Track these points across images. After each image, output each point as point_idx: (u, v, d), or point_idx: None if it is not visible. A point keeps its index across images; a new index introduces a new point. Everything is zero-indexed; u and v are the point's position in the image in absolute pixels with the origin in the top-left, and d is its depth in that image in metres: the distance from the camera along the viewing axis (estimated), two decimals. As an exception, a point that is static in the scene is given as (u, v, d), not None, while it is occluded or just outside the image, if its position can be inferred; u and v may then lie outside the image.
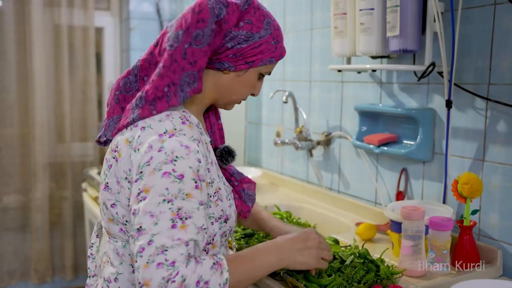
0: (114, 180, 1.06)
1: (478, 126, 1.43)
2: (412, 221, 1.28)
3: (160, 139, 0.99)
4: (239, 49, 1.07)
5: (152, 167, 0.97)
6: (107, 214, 1.10)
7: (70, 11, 3.29)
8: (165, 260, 0.93)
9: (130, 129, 1.06)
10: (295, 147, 2.06)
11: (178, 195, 0.97)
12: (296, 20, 2.22)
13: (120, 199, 1.06)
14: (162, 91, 1.03)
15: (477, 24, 1.42)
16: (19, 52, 3.18)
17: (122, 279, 1.10)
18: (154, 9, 3.61)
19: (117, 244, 1.11)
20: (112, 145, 1.10)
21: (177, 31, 1.04)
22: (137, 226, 0.96)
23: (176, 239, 0.95)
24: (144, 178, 0.98)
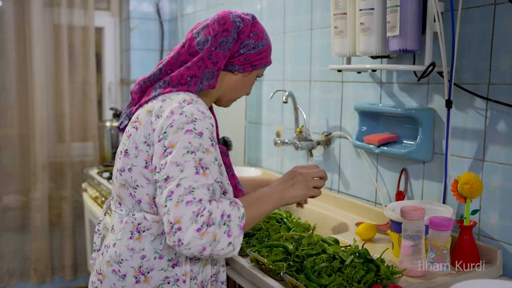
0: (132, 146, 1.22)
1: (478, 126, 1.43)
2: (412, 221, 1.28)
3: (180, 106, 1.18)
4: (248, 55, 1.31)
5: (175, 127, 1.14)
6: (119, 180, 1.25)
7: (70, 11, 3.29)
8: (193, 198, 1.07)
9: (151, 102, 1.25)
10: (295, 147, 2.06)
11: (199, 148, 1.13)
12: (296, 20, 2.22)
13: (138, 163, 1.21)
14: (185, 79, 1.26)
15: (477, 24, 1.42)
16: (19, 52, 3.18)
17: (120, 244, 1.25)
18: (154, 9, 3.61)
19: (121, 212, 1.27)
20: (133, 118, 1.27)
21: (206, 37, 1.27)
22: (164, 176, 1.11)
23: (199, 182, 1.10)
24: (169, 137, 1.14)
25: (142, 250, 1.23)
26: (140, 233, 1.23)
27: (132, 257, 1.23)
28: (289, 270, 1.25)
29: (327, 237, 1.47)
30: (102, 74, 3.63)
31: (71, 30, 3.31)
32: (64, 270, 3.37)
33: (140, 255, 1.23)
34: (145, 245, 1.23)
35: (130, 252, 1.23)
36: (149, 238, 1.23)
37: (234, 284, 1.44)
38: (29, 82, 3.18)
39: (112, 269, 1.25)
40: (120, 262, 1.24)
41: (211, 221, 1.07)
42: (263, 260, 1.31)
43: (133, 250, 1.23)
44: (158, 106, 1.21)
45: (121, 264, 1.24)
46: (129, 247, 1.24)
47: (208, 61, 1.26)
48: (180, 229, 1.05)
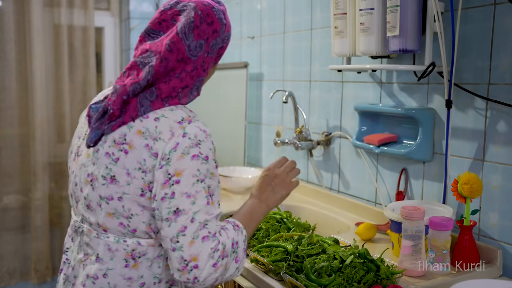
0: (122, 172, 1.08)
1: (478, 126, 1.43)
2: (412, 221, 1.28)
3: (180, 126, 1.08)
4: (220, 49, 1.22)
5: (180, 152, 1.05)
6: (106, 208, 1.11)
7: (70, 11, 3.29)
8: (208, 233, 1.04)
9: (140, 121, 1.09)
10: (295, 147, 2.06)
11: (207, 175, 1.07)
12: (296, 20, 2.22)
13: (131, 191, 1.08)
14: (177, 92, 1.13)
15: (477, 24, 1.42)
16: (19, 52, 3.18)
17: (113, 274, 1.12)
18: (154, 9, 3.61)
19: (108, 239, 1.13)
20: (117, 139, 1.10)
21: (198, 41, 1.14)
22: (174, 208, 1.04)
23: (210, 213, 1.06)
24: (173, 163, 1.04)
25: (141, 278, 1.13)
26: (135, 260, 1.13)
27: (131, 287, 1.13)
28: (289, 270, 1.25)
29: (327, 237, 1.47)
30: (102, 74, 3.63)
31: (71, 30, 3.31)
32: (64, 270, 3.37)
33: (138, 283, 1.14)
34: (143, 272, 1.13)
35: (128, 281, 1.13)
36: (146, 263, 1.13)
37: (234, 284, 1.44)
38: (29, 82, 3.18)
39: None
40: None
41: (225, 254, 1.06)
42: (263, 260, 1.31)
43: (131, 279, 1.13)
44: (152, 126, 1.08)
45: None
46: (126, 276, 1.12)
47: (201, 68, 1.16)
48: (197, 266, 1.02)
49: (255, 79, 2.56)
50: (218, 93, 2.81)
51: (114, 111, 1.11)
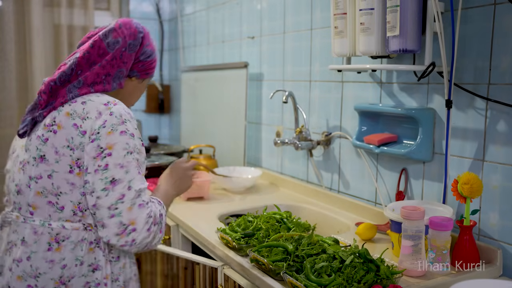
0: (52, 151, 1.20)
1: (478, 126, 1.43)
2: (412, 221, 1.28)
3: (107, 107, 1.22)
4: (145, 62, 1.39)
5: (109, 128, 1.19)
6: (35, 188, 1.21)
7: (70, 11, 3.29)
8: (143, 201, 1.20)
9: (69, 105, 1.23)
10: (295, 147, 2.06)
11: (135, 149, 1.22)
12: (296, 20, 2.22)
13: (59, 168, 1.20)
14: (101, 78, 1.29)
15: (477, 24, 1.42)
16: (19, 52, 3.18)
17: (36, 257, 1.21)
18: (154, 9, 3.61)
19: (34, 223, 1.23)
20: (47, 122, 1.23)
21: (116, 38, 1.31)
22: (110, 178, 1.17)
23: (142, 181, 1.23)
24: (103, 138, 1.18)
25: (63, 260, 1.22)
26: (59, 243, 1.22)
27: (52, 269, 1.21)
28: (289, 270, 1.25)
29: (327, 237, 1.47)
30: (102, 74, 3.63)
31: (71, 30, 3.31)
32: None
33: (60, 265, 1.22)
34: (65, 255, 1.22)
35: (49, 264, 1.21)
36: (70, 246, 1.22)
37: (234, 284, 1.44)
38: (29, 82, 3.18)
39: (27, 284, 1.21)
40: (38, 276, 1.21)
41: (156, 221, 1.23)
42: (263, 260, 1.31)
43: (53, 262, 1.21)
44: (80, 108, 1.21)
45: (38, 278, 1.21)
46: (48, 259, 1.21)
47: (120, 60, 1.31)
48: (134, 230, 1.18)
49: (255, 79, 2.56)
50: (218, 93, 2.81)
51: (43, 96, 1.25)
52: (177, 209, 1.93)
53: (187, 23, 3.38)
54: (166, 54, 3.71)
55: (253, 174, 2.32)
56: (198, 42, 3.23)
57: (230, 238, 1.49)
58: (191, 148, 2.67)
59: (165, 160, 2.53)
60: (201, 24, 3.18)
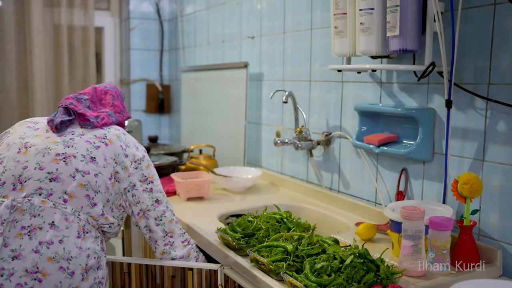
0: (102, 157, 1.43)
1: (478, 126, 1.43)
2: (412, 221, 1.28)
3: (138, 145, 1.57)
4: None
5: (146, 162, 1.55)
6: (79, 180, 1.37)
7: (70, 11, 3.29)
8: (176, 218, 1.60)
9: (115, 129, 1.54)
10: (295, 147, 2.06)
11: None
12: (296, 20, 2.22)
13: (104, 172, 1.42)
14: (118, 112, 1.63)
15: (477, 24, 1.42)
16: (19, 52, 3.18)
17: (68, 242, 1.29)
18: (154, 9, 3.61)
19: (66, 210, 1.32)
20: (97, 134, 1.48)
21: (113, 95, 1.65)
22: (155, 199, 1.54)
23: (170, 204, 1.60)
24: (145, 170, 1.53)
25: (88, 250, 1.33)
26: (85, 234, 1.34)
27: (81, 255, 1.30)
28: (289, 270, 1.25)
29: (327, 237, 1.47)
30: (102, 74, 3.63)
31: (71, 30, 3.31)
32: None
33: (86, 253, 1.32)
34: (89, 245, 1.34)
35: (79, 250, 1.30)
36: (91, 239, 1.35)
37: (234, 284, 1.44)
38: (29, 82, 3.18)
39: (60, 266, 1.25)
40: (70, 259, 1.28)
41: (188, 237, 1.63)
42: (263, 260, 1.31)
43: (81, 249, 1.31)
44: (123, 137, 1.53)
45: (70, 261, 1.27)
46: (78, 245, 1.31)
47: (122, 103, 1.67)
48: (172, 242, 1.56)
49: (255, 79, 2.56)
50: (218, 93, 2.81)
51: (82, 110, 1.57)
52: (177, 209, 1.93)
53: (187, 23, 3.38)
54: (166, 54, 3.70)
55: (253, 174, 2.32)
56: (198, 42, 3.23)
57: (230, 238, 1.49)
58: (191, 148, 2.67)
59: (165, 160, 2.53)
60: (201, 24, 3.18)
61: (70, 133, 1.46)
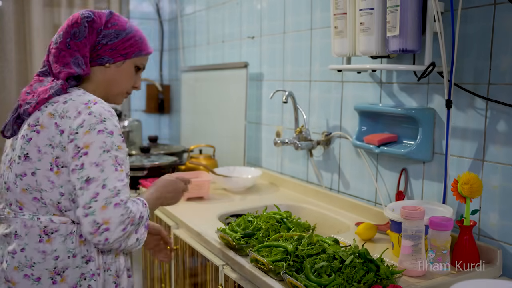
0: (34, 150, 1.24)
1: (478, 126, 1.43)
2: (412, 221, 1.28)
3: (86, 106, 1.24)
4: (113, 44, 1.36)
5: (86, 127, 1.21)
6: (21, 185, 1.26)
7: (70, 11, 3.29)
8: (120, 201, 1.19)
9: (51, 105, 1.27)
10: (295, 147, 2.06)
11: (113, 146, 1.22)
12: (296, 20, 2.22)
13: (41, 166, 1.24)
14: (59, 68, 1.32)
15: (477, 24, 1.42)
16: (19, 52, 3.18)
17: (29, 248, 1.25)
18: (154, 9, 3.61)
19: (24, 217, 1.26)
20: (31, 122, 1.27)
21: (58, 33, 1.35)
22: (85, 177, 1.18)
23: (120, 179, 1.21)
24: (81, 137, 1.20)
25: (55, 251, 1.25)
26: (49, 236, 1.25)
27: (45, 259, 1.25)
28: (289, 270, 1.25)
29: (327, 237, 1.47)
30: (102, 74, 3.63)
31: (71, 30, 3.30)
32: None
33: (53, 256, 1.25)
34: (56, 246, 1.25)
35: (42, 254, 1.25)
36: (60, 239, 1.26)
37: (234, 284, 1.44)
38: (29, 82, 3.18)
39: (24, 274, 1.25)
40: (32, 265, 1.24)
41: (134, 222, 1.22)
42: (263, 260, 1.31)
43: (45, 253, 1.25)
44: (60, 108, 1.25)
45: (33, 267, 1.24)
46: (40, 249, 1.25)
47: (69, 50, 1.32)
48: (108, 229, 1.17)
49: (255, 79, 2.56)
50: (218, 93, 2.81)
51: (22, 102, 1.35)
52: (177, 209, 1.93)
53: (187, 23, 3.38)
54: (166, 54, 3.70)
55: (253, 174, 2.32)
56: (198, 42, 3.23)
57: (230, 238, 1.49)
58: (191, 148, 2.67)
59: (165, 160, 2.53)
60: (201, 24, 3.18)
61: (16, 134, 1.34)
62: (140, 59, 1.44)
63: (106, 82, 1.39)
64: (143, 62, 1.46)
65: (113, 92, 1.42)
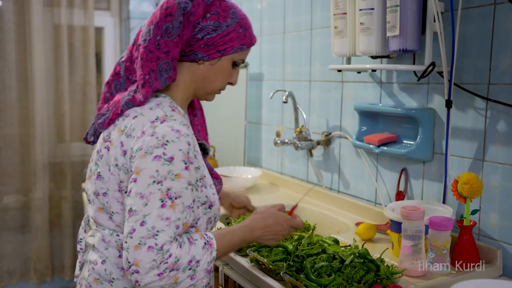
0: (106, 169, 1.13)
1: (478, 126, 1.43)
2: (412, 221, 1.28)
3: (152, 125, 1.08)
4: (209, 39, 1.14)
5: (143, 151, 1.05)
6: (96, 203, 1.17)
7: (70, 11, 3.29)
8: (155, 244, 1.00)
9: (123, 119, 1.14)
10: (295, 147, 2.06)
11: (168, 176, 1.04)
12: (296, 20, 2.22)
13: (110, 187, 1.12)
14: (144, 79, 1.13)
15: (477, 24, 1.42)
16: (19, 52, 3.18)
17: (109, 262, 1.16)
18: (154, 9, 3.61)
19: (104, 231, 1.17)
20: (104, 136, 1.16)
21: (148, 26, 1.14)
22: (129, 206, 1.04)
23: (165, 218, 1.02)
24: (136, 161, 1.05)
25: None
26: None
27: (124, 277, 1.15)
28: (289, 270, 1.25)
29: (327, 237, 1.47)
30: (102, 74, 3.62)
31: (71, 30, 3.31)
32: (63, 270, 3.37)
33: None
34: None
35: (121, 271, 1.16)
36: None
37: (234, 284, 1.44)
38: (29, 82, 3.18)
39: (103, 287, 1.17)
40: (112, 281, 1.16)
41: (175, 267, 1.02)
42: (263, 260, 1.31)
43: (124, 270, 1.15)
44: (129, 124, 1.11)
45: (112, 283, 1.16)
46: (119, 266, 1.15)
47: (158, 51, 1.12)
48: (137, 272, 1.01)
49: (255, 79, 2.56)
50: (218, 93, 2.80)
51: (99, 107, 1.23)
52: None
53: (187, 23, 3.38)
54: (166, 54, 3.70)
55: (253, 174, 2.32)
56: (198, 42, 3.22)
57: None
58: (191, 148, 2.67)
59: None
60: (201, 24, 3.17)
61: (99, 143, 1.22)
62: (240, 54, 1.21)
63: (197, 80, 1.20)
64: (243, 57, 1.23)
65: (204, 90, 1.22)
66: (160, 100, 1.15)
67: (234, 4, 1.19)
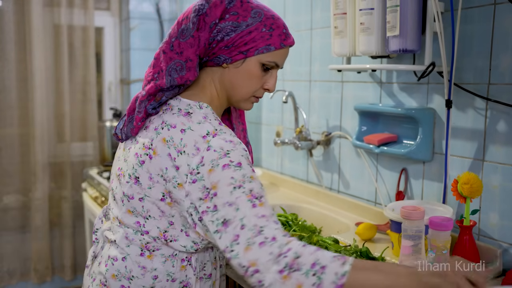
0: (146, 176, 1.10)
1: (478, 126, 1.43)
2: (412, 221, 1.28)
3: (204, 140, 1.05)
4: (229, 40, 1.11)
5: (208, 166, 1.02)
6: (127, 205, 1.14)
7: (70, 11, 3.29)
8: (265, 238, 0.95)
9: (167, 128, 1.10)
10: (295, 147, 2.06)
11: (245, 180, 1.02)
12: (296, 20, 2.22)
13: (152, 194, 1.10)
14: (152, 76, 1.13)
15: (477, 24, 1.42)
16: (19, 52, 3.18)
17: (130, 260, 1.15)
18: (154, 9, 3.61)
19: (127, 229, 1.16)
20: (145, 142, 1.12)
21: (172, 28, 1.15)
22: (221, 219, 0.99)
23: (261, 215, 0.98)
24: (206, 178, 1.02)
25: (154, 270, 1.14)
26: (150, 252, 1.14)
27: (144, 276, 1.14)
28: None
29: (327, 237, 1.47)
30: (102, 74, 3.63)
31: (71, 30, 3.31)
32: (64, 270, 3.37)
33: (152, 275, 1.14)
34: (157, 266, 1.14)
35: (142, 270, 1.14)
36: (161, 259, 1.14)
37: (234, 284, 1.44)
38: (29, 82, 3.18)
39: (121, 284, 1.15)
40: (131, 278, 1.14)
41: (296, 266, 0.92)
42: (263, 260, 1.30)
43: (145, 269, 1.14)
44: (178, 137, 1.07)
45: (131, 281, 1.14)
46: (140, 264, 1.14)
47: (171, 52, 1.11)
48: (257, 271, 0.94)
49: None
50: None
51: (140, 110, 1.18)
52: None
53: (187, 23, 3.38)
54: (166, 54, 3.70)
55: (253, 174, 2.31)
56: (198, 42, 3.22)
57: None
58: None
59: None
60: (201, 24, 3.17)
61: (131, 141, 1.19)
62: (268, 56, 1.14)
63: (225, 85, 1.17)
64: (274, 59, 1.15)
65: (234, 96, 1.18)
66: (205, 112, 1.13)
67: (261, 5, 1.14)
